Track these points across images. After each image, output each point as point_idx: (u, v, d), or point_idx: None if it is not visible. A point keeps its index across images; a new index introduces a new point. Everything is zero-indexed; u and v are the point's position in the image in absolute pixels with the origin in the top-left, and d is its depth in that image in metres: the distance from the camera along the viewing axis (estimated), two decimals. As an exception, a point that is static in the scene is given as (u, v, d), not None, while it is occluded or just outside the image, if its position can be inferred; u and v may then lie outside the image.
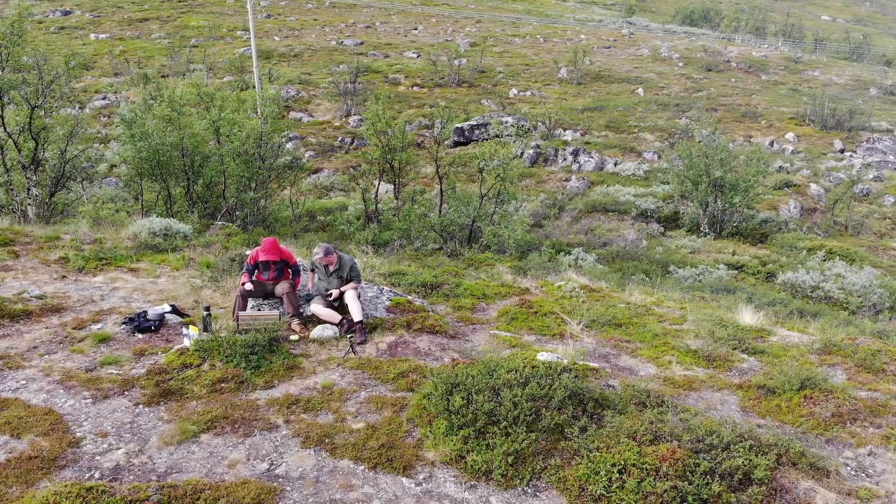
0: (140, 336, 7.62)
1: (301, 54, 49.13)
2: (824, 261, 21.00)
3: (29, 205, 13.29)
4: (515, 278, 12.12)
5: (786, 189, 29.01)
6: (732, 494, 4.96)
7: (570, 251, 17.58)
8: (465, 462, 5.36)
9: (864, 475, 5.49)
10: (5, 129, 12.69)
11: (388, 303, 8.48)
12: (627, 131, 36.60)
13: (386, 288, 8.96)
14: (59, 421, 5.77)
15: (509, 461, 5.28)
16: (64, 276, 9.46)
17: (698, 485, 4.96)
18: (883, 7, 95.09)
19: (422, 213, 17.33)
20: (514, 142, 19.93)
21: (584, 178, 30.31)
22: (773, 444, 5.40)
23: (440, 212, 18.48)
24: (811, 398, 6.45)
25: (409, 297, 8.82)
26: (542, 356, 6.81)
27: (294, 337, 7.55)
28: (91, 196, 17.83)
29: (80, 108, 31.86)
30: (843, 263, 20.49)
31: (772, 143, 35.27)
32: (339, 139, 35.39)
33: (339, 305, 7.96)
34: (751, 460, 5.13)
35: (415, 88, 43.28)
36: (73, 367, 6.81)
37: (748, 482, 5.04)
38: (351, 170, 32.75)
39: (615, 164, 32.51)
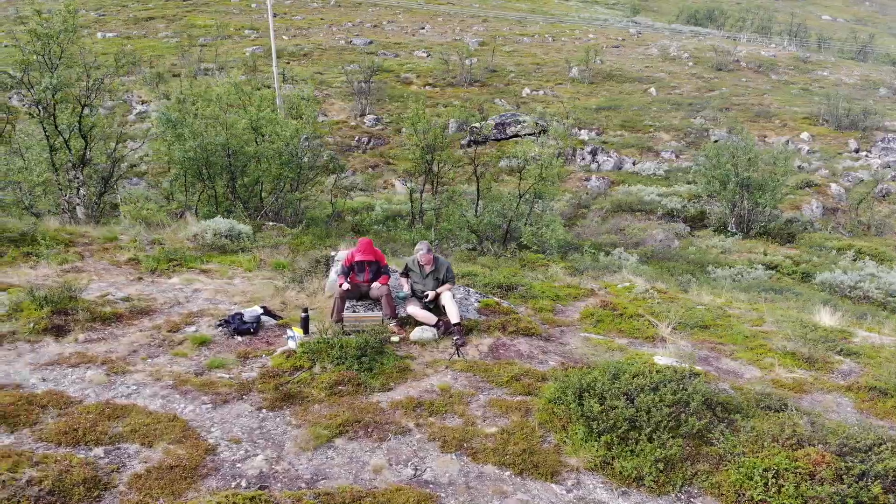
0: (239, 338, 7.53)
1: (311, 53, 48.98)
2: (855, 260, 21.04)
3: (77, 205, 13.15)
4: (575, 279, 12.08)
5: (807, 189, 29.05)
6: (889, 496, 4.92)
7: (611, 251, 17.53)
8: (613, 468, 5.30)
9: None
10: (57, 128, 12.55)
11: (476, 304, 8.41)
12: (643, 131, 36.61)
13: (472, 290, 8.89)
14: (186, 427, 5.67)
15: (660, 467, 5.22)
16: (140, 278, 9.35)
17: (856, 488, 4.91)
18: (883, 7, 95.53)
19: (461, 213, 17.25)
20: (553, 142, 19.88)
21: (604, 178, 30.30)
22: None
23: (476, 212, 18.42)
24: (933, 401, 6.42)
25: (496, 299, 8.74)
26: (660, 360, 6.75)
27: (395, 338, 7.48)
28: (125, 196, 17.69)
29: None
30: (874, 263, 20.53)
31: (787, 143, 35.32)
32: (356, 139, 35.29)
33: (434, 307, 7.89)
34: (901, 464, 5.09)
35: (427, 88, 43.18)
36: (182, 371, 6.72)
37: (901, 484, 5.00)
38: (370, 169, 32.70)
39: (633, 164, 32.51)
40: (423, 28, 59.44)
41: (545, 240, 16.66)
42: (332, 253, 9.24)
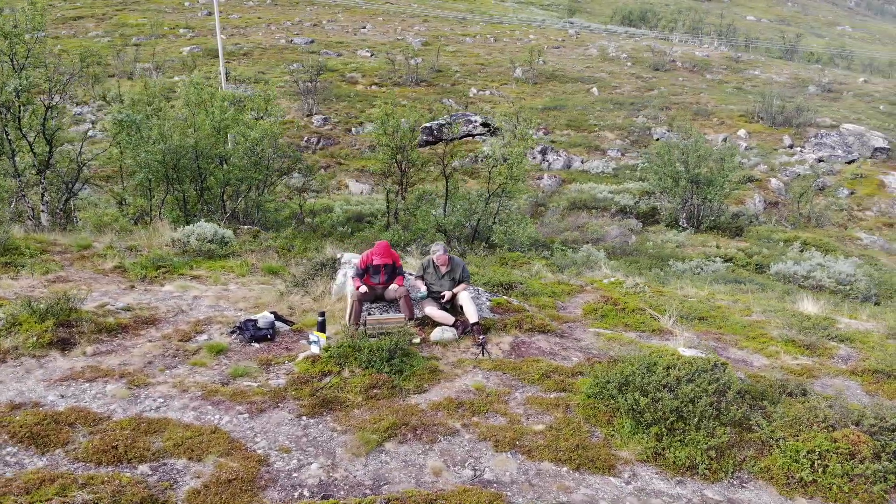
0: (257, 345, 7.33)
1: (251, 53, 47.92)
2: (801, 251, 22.10)
3: (42, 211, 12.46)
4: (560, 276, 12.25)
5: (749, 184, 30.31)
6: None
7: (578, 248, 17.86)
8: (665, 459, 5.42)
9: None
10: (21, 131, 11.85)
11: (488, 303, 8.44)
12: (588, 130, 37.40)
13: (481, 289, 8.90)
14: (230, 439, 5.50)
15: (711, 455, 5.38)
16: (132, 286, 8.98)
17: (891, 464, 5.19)
18: (804, 7, 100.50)
19: (433, 212, 17.24)
20: (516, 141, 20.04)
21: (555, 176, 30.85)
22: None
23: (444, 211, 18.43)
24: (936, 380, 6.84)
25: (506, 298, 8.79)
26: (685, 352, 6.94)
27: (416, 339, 7.43)
28: (76, 202, 16.90)
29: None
30: (820, 253, 21.61)
31: (725, 140, 36.76)
32: (306, 139, 34.77)
33: (451, 307, 7.88)
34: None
35: (373, 87, 42.93)
36: (207, 381, 6.50)
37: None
38: (322, 170, 32.24)
39: (582, 162, 33.21)
40: (365, 27, 59.02)
41: (516, 238, 16.83)
42: (338, 255, 9.10)
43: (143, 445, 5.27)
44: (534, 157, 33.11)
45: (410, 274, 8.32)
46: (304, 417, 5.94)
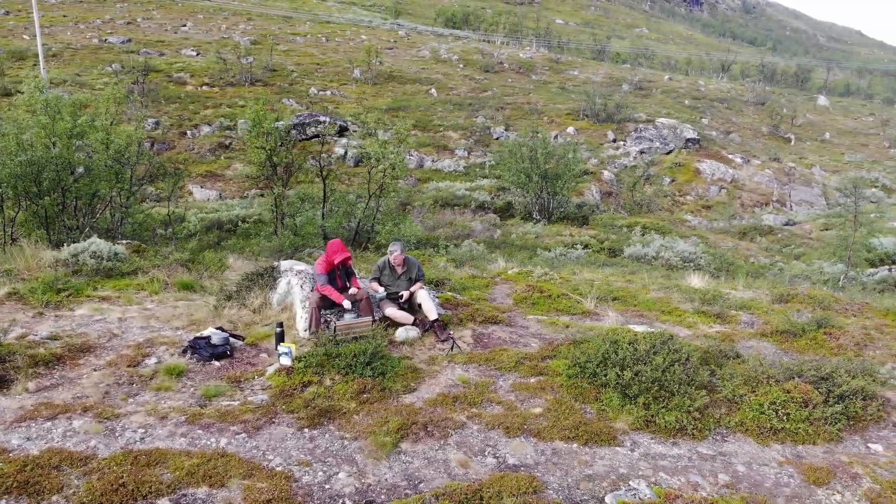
0: (217, 364, 6.94)
1: (61, 54, 43.47)
2: (643, 235, 24.45)
3: None
4: (464, 271, 12.68)
5: (585, 177, 32.84)
6: (864, 410, 6.25)
7: (460, 244, 18.45)
8: (657, 424, 5.97)
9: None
10: None
11: (437, 300, 8.60)
12: (433, 130, 38.37)
13: (427, 287, 9.01)
14: (241, 460, 5.24)
15: (696, 416, 6.02)
16: (41, 313, 8.03)
17: (843, 405, 6.15)
18: (606, 11, 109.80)
19: (310, 216, 16.93)
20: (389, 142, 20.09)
21: (410, 176, 31.35)
22: (857, 370, 6.80)
23: (323, 214, 18.18)
24: (831, 334, 8.10)
25: (451, 294, 9.00)
26: (637, 328, 7.61)
27: (397, 340, 7.44)
28: None
29: None
30: (659, 235, 24.07)
31: (556, 137, 39.47)
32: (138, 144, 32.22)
33: (409, 306, 7.97)
34: (860, 383, 6.46)
35: (205, 88, 40.87)
36: (182, 406, 6.08)
37: (865, 397, 6.36)
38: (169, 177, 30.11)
39: (433, 161, 34.09)
40: (186, 25, 55.73)
41: (402, 236, 17.02)
42: (276, 264, 8.75)
43: (152, 479, 4.87)
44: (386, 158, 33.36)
45: (363, 277, 8.27)
46: (306, 430, 5.78)
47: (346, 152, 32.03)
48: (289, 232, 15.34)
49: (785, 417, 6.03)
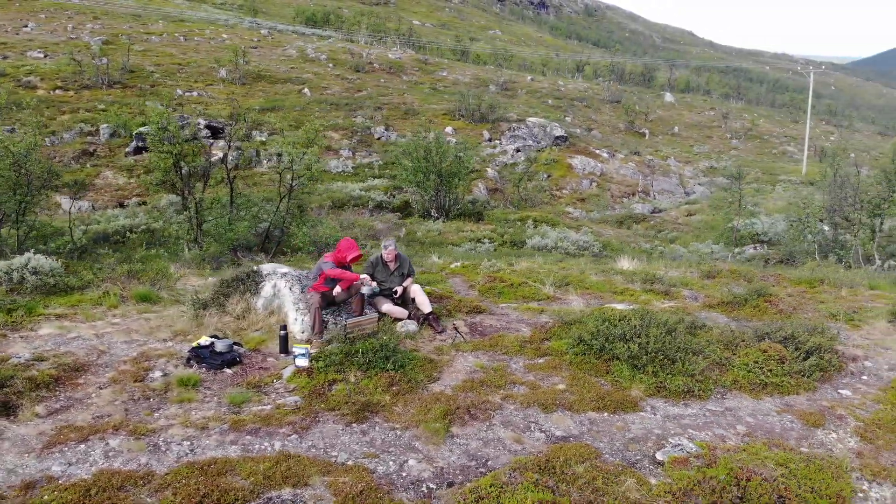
0: (230, 371, 6.75)
1: None
2: (536, 227, 25.72)
3: None
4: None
5: (472, 174, 33.84)
6: (826, 362, 7.24)
7: (378, 242, 18.53)
8: (668, 389, 6.60)
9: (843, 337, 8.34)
10: None
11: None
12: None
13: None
14: (310, 459, 5.24)
15: (699, 379, 6.72)
16: (4, 335, 7.35)
17: (814, 360, 7.11)
18: (460, 13, 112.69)
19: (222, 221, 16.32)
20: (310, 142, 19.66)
21: (299, 177, 30.75)
22: (811, 329, 7.84)
23: (230, 220, 17.57)
24: (770, 301, 9.21)
25: (430, 288, 9.21)
26: (618, 306, 8.25)
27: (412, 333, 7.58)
28: None
29: None
30: (549, 227, 25.46)
31: (436, 137, 40.31)
32: (-8, 154, 29.19)
33: (402, 301, 8.12)
34: (819, 340, 7.47)
35: (58, 92, 37.75)
36: (216, 414, 5.92)
37: (825, 351, 7.38)
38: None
39: (318, 162, 33.61)
40: (27, 26, 50.80)
41: (319, 238, 16.88)
42: (255, 268, 8.48)
43: (232, 487, 4.78)
44: (269, 159, 32.54)
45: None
46: (353, 425, 5.85)
47: (225, 155, 30.80)
48: (210, 239, 14.73)
49: (769, 373, 6.89)
